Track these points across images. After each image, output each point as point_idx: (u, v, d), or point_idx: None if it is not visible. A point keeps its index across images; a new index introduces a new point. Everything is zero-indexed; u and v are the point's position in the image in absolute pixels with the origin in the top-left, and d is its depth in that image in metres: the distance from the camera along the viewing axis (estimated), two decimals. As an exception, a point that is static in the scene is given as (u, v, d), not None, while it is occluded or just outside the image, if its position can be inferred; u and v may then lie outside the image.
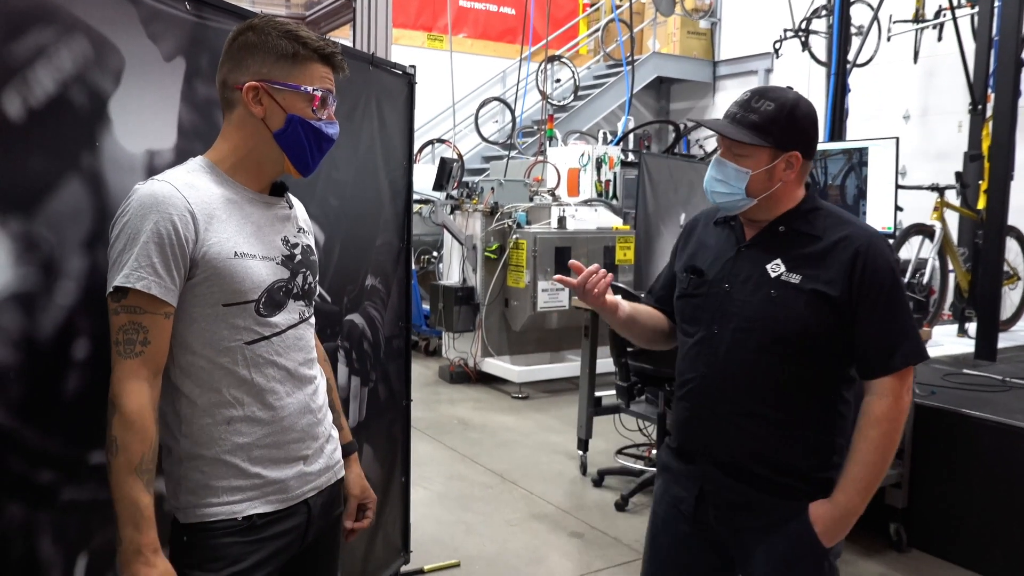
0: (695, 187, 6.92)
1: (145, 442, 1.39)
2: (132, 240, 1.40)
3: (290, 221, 1.64)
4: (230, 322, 1.49)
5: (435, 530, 3.81)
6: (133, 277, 1.39)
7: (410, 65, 3.01)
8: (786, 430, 1.76)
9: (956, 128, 8.53)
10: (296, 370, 1.59)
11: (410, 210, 3.11)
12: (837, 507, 1.73)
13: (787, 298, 1.73)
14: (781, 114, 1.74)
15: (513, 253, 6.47)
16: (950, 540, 3.56)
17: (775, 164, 1.75)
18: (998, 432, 3.41)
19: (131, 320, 1.40)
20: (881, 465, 1.72)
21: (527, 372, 6.45)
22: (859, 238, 1.74)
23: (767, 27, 9.93)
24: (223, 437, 1.50)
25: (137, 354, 1.40)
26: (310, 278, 1.64)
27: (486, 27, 11.54)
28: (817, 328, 1.72)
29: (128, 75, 1.71)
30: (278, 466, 1.56)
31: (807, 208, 1.81)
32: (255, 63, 1.50)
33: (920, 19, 7.65)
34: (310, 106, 1.54)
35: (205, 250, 1.45)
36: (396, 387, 3.11)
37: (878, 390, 1.72)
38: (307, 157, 1.57)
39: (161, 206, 1.41)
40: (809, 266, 1.74)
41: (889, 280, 1.72)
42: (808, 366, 1.74)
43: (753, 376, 1.77)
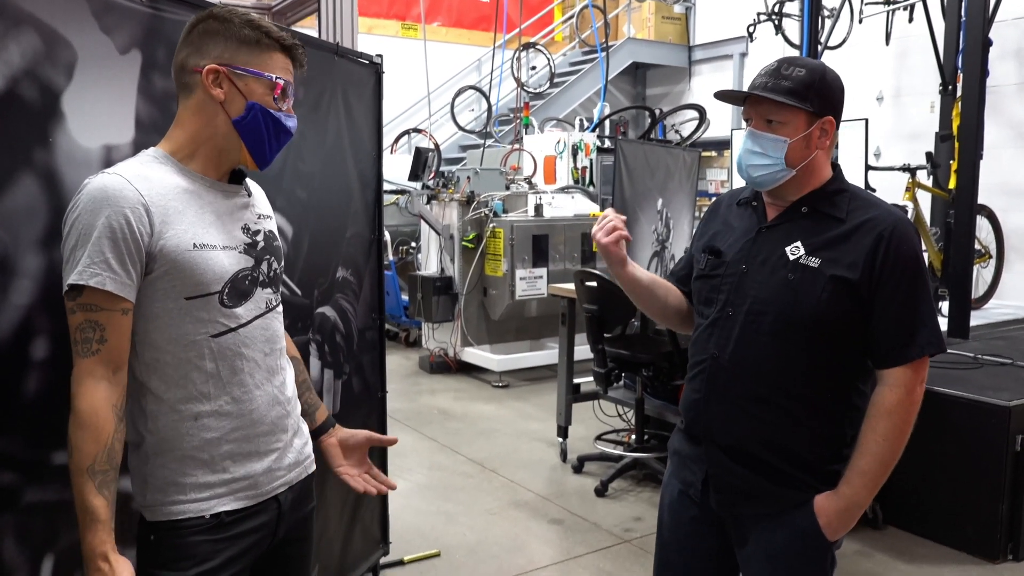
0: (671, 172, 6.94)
1: (98, 442, 1.37)
2: (84, 236, 1.37)
3: (250, 209, 1.61)
4: (194, 315, 1.46)
5: (415, 520, 3.81)
6: (87, 274, 1.36)
7: (377, 54, 2.98)
8: (795, 418, 1.71)
9: (929, 108, 8.57)
10: (264, 361, 1.57)
11: (380, 201, 3.09)
12: (842, 499, 1.68)
13: (804, 282, 1.68)
14: (814, 77, 1.69)
15: (490, 242, 6.46)
16: (925, 516, 3.61)
17: (811, 131, 1.70)
18: (970, 409, 3.45)
19: (87, 318, 1.38)
20: (889, 458, 1.66)
21: (507, 361, 6.45)
22: (884, 221, 1.68)
23: (741, 11, 9.94)
24: (191, 433, 1.48)
25: (94, 352, 1.38)
26: (275, 264, 1.61)
27: (460, 15, 11.47)
28: (834, 314, 1.66)
29: (81, 69, 1.68)
30: (248, 461, 1.54)
31: (833, 189, 1.76)
32: (216, 47, 1.48)
33: (891, 1, 7.68)
34: (271, 94, 1.51)
35: (162, 243, 1.42)
36: (371, 379, 3.09)
37: (890, 380, 1.66)
38: (265, 148, 1.54)
39: (112, 200, 1.38)
40: (830, 249, 1.68)
41: (912, 267, 1.67)
42: (822, 353, 1.69)
43: (764, 360, 1.72)
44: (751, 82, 1.76)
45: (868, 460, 1.66)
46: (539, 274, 6.49)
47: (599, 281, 4.13)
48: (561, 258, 6.65)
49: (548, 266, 6.55)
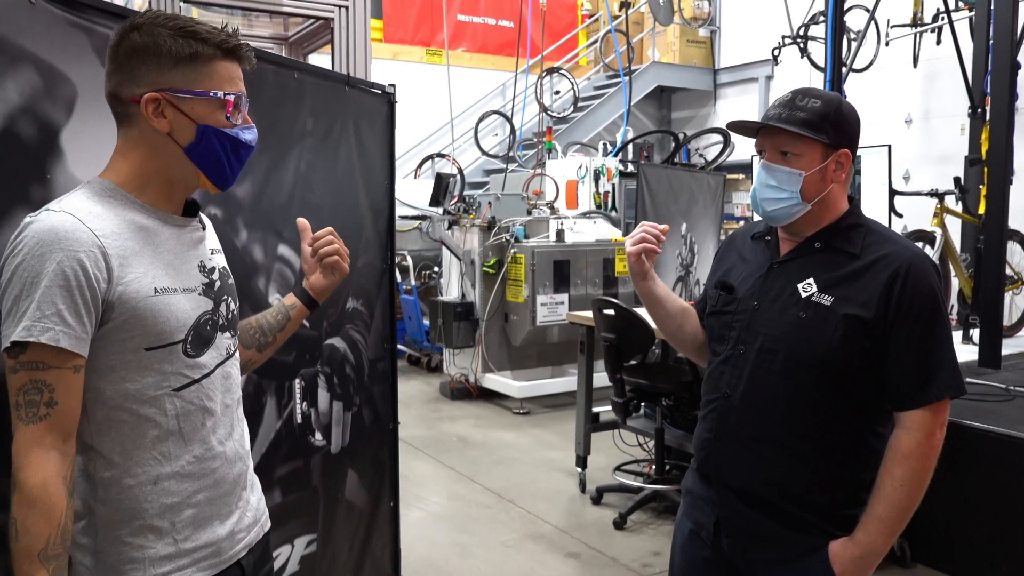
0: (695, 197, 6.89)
1: (51, 522, 1.19)
2: (31, 284, 1.20)
3: (204, 244, 1.46)
4: (154, 368, 1.31)
5: (429, 553, 3.75)
6: (37, 329, 1.19)
7: (390, 84, 2.98)
8: (807, 461, 1.66)
9: (959, 131, 8.44)
10: (225, 413, 1.44)
11: (393, 230, 3.07)
12: (858, 547, 1.61)
13: (817, 320, 1.63)
14: (830, 109, 1.66)
15: (511, 267, 6.43)
16: (954, 555, 3.48)
17: (827, 164, 1.67)
18: (1002, 444, 3.33)
19: (32, 379, 1.20)
20: (907, 504, 1.59)
21: (528, 387, 6.39)
22: (900, 258, 1.62)
23: (766, 34, 9.89)
24: (149, 499, 1.32)
25: (41, 418, 1.20)
26: (232, 305, 1.48)
27: (485, 41, 11.54)
28: (847, 354, 1.61)
29: (81, 105, 1.67)
30: (210, 525, 1.40)
31: (848, 224, 1.71)
32: (150, 71, 1.30)
33: (918, 23, 7.59)
34: (223, 112, 1.35)
35: (121, 290, 1.26)
36: (382, 410, 3.06)
37: (908, 423, 1.60)
38: (225, 170, 1.38)
39: (64, 242, 1.21)
40: (843, 287, 1.63)
41: (929, 306, 1.60)
42: (836, 394, 1.64)
43: (775, 400, 1.67)
44: (765, 113, 1.73)
45: (885, 506, 1.59)
46: (560, 300, 6.44)
47: (617, 309, 4.08)
48: (583, 283, 6.60)
49: (570, 292, 6.51)
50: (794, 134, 1.65)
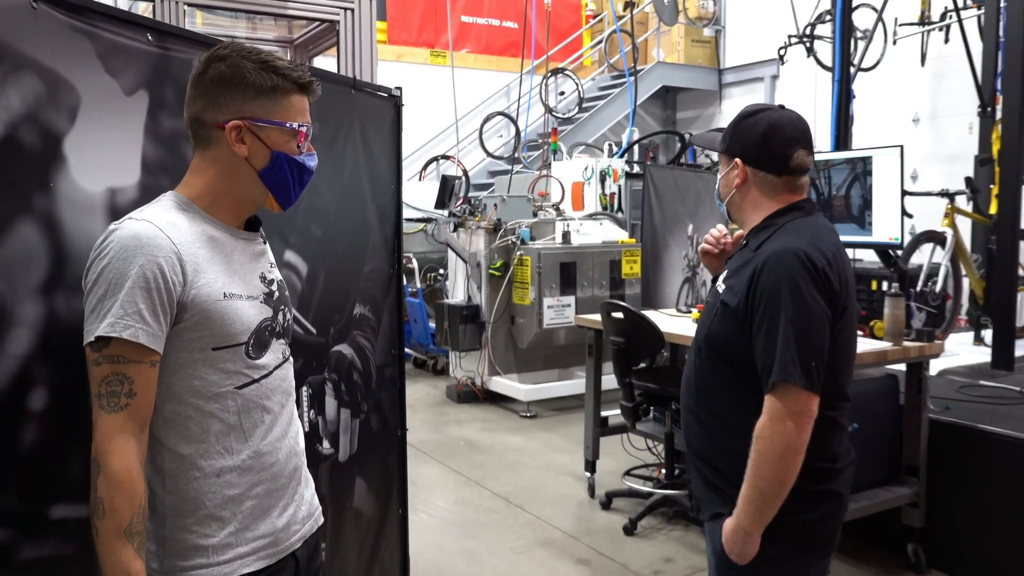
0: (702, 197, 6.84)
1: (134, 502, 1.31)
2: (115, 285, 1.32)
3: (265, 257, 1.60)
4: (219, 366, 1.42)
5: (437, 559, 3.71)
6: (120, 326, 1.31)
7: (396, 87, 2.94)
8: (711, 432, 1.83)
9: (967, 130, 8.40)
10: (282, 412, 1.55)
11: (400, 235, 3.03)
12: (732, 520, 1.73)
13: (711, 306, 1.87)
14: (733, 121, 1.88)
15: (518, 270, 6.40)
16: (970, 560, 3.43)
17: (728, 170, 1.88)
18: (1018, 448, 3.29)
19: (114, 371, 1.32)
20: (758, 484, 1.68)
21: (535, 390, 6.36)
22: (767, 252, 1.74)
23: (772, 34, 9.84)
24: (213, 491, 1.42)
25: (122, 407, 1.32)
26: (288, 315, 1.59)
27: (489, 42, 11.51)
28: (720, 336, 1.80)
29: (85, 112, 1.64)
30: (268, 517, 1.49)
31: (764, 225, 1.85)
32: (234, 100, 1.44)
33: (926, 21, 7.54)
34: (295, 141, 1.49)
35: (195, 293, 1.38)
36: (390, 417, 3.02)
37: (764, 407, 1.70)
38: (290, 192, 1.54)
39: (146, 248, 1.34)
40: (733, 278, 1.81)
41: (776, 296, 1.69)
42: (728, 373, 1.79)
43: (691, 375, 1.89)
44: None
45: (745, 485, 1.71)
46: (567, 302, 6.40)
47: (626, 313, 4.04)
48: (589, 286, 6.56)
49: (576, 294, 6.47)
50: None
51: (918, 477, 3.51)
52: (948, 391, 3.97)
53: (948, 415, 3.56)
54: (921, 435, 3.51)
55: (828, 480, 1.77)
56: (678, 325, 4.14)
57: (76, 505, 1.63)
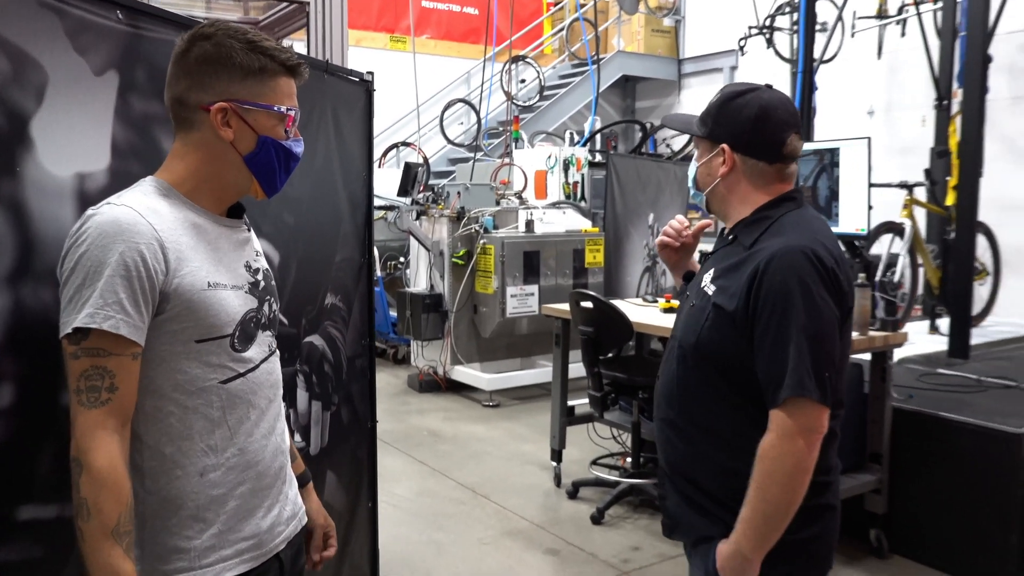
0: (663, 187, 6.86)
1: (121, 501, 1.25)
2: (93, 274, 1.25)
3: (250, 245, 1.53)
4: (203, 360, 1.36)
5: (405, 551, 3.68)
6: (99, 316, 1.24)
7: (368, 72, 2.88)
8: (699, 448, 1.66)
9: (920, 123, 8.57)
10: (269, 408, 1.49)
11: (371, 223, 2.97)
12: (729, 546, 1.58)
13: (698, 309, 1.68)
14: (714, 102, 1.70)
15: (481, 259, 6.35)
16: (931, 545, 3.51)
17: (711, 157, 1.71)
18: (978, 436, 3.36)
19: (94, 364, 1.25)
20: (763, 508, 1.52)
21: (497, 379, 6.33)
22: (769, 251, 1.57)
23: (731, 25, 9.91)
24: (196, 490, 1.36)
25: (103, 402, 1.25)
26: (274, 305, 1.53)
27: (449, 28, 11.39)
28: (714, 344, 1.61)
29: (52, 92, 1.56)
30: (252, 517, 1.43)
31: (756, 217, 1.68)
32: (220, 81, 1.37)
33: (883, 15, 7.65)
34: (282, 126, 1.44)
35: (177, 282, 1.31)
36: (360, 409, 2.97)
37: (769, 423, 1.54)
38: (276, 179, 1.47)
39: (126, 234, 1.27)
40: (725, 278, 1.64)
41: (783, 300, 1.53)
42: (719, 384, 1.62)
43: (671, 386, 1.72)
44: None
45: (747, 508, 1.55)
46: (530, 291, 6.38)
47: (595, 302, 4.03)
48: (553, 274, 6.54)
49: (539, 283, 6.45)
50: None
51: (881, 464, 3.57)
52: (908, 380, 4.04)
53: (911, 403, 3.62)
54: (885, 423, 3.57)
55: (824, 493, 1.63)
56: (645, 315, 4.14)
57: (46, 506, 1.56)
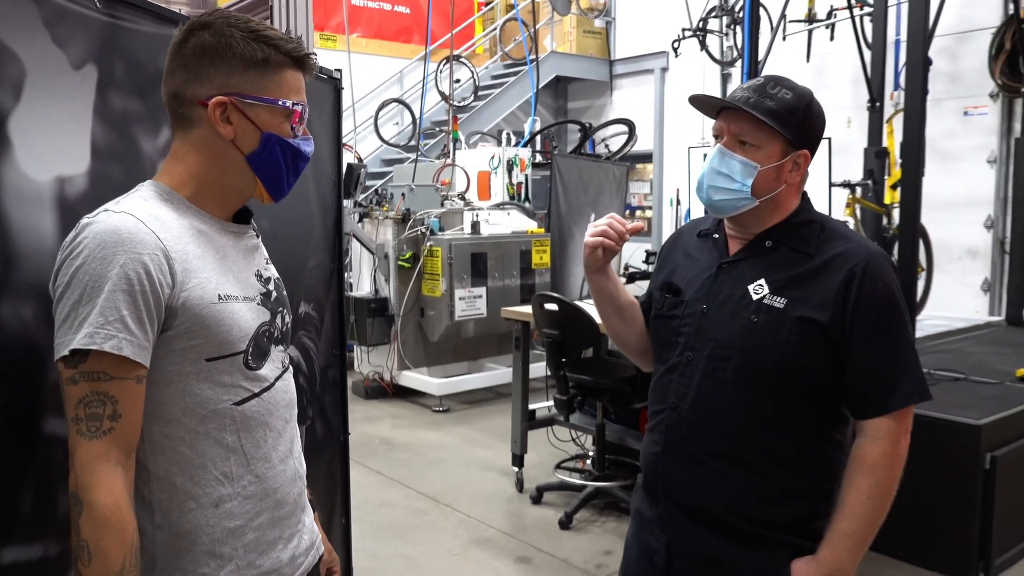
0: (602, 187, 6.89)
1: (126, 542, 1.13)
2: (93, 289, 1.13)
3: (259, 252, 1.41)
4: (215, 380, 1.24)
5: (374, 566, 3.55)
6: (100, 336, 1.11)
7: (335, 69, 2.75)
8: (763, 476, 1.55)
9: (845, 124, 8.84)
10: (286, 430, 1.37)
11: (340, 227, 2.85)
12: (823, 565, 1.51)
13: (769, 325, 1.52)
14: (801, 104, 1.54)
15: (428, 261, 6.23)
16: (896, 537, 3.56)
17: (784, 161, 1.55)
18: (940, 428, 3.45)
19: (94, 390, 1.13)
20: (874, 518, 1.50)
21: (447, 384, 6.23)
22: (856, 255, 1.52)
23: (661, 26, 10.03)
24: (211, 523, 1.24)
25: (105, 432, 1.13)
26: (287, 317, 1.41)
27: (380, 27, 11.18)
28: (803, 360, 1.51)
29: (31, 87, 1.41)
30: (273, 550, 1.32)
31: (800, 221, 1.60)
32: (219, 73, 1.26)
33: (813, 19, 7.86)
34: (288, 122, 1.32)
35: (185, 296, 1.19)
36: (333, 421, 2.84)
37: (872, 432, 1.50)
38: (283, 181, 1.35)
39: (128, 244, 1.15)
40: (796, 288, 1.53)
41: (889, 306, 1.51)
42: (792, 403, 1.53)
43: (728, 411, 1.55)
44: (732, 94, 1.60)
45: (851, 521, 1.49)
46: (478, 293, 6.30)
47: (560, 304, 3.98)
48: (501, 276, 6.48)
49: (487, 285, 6.37)
50: (757, 123, 1.53)
51: (845, 459, 3.63)
52: (863, 375, 4.13)
53: (873, 399, 3.69)
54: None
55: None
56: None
57: (30, 546, 1.41)
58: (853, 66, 7.97)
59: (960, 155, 7.59)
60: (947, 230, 7.40)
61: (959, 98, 7.59)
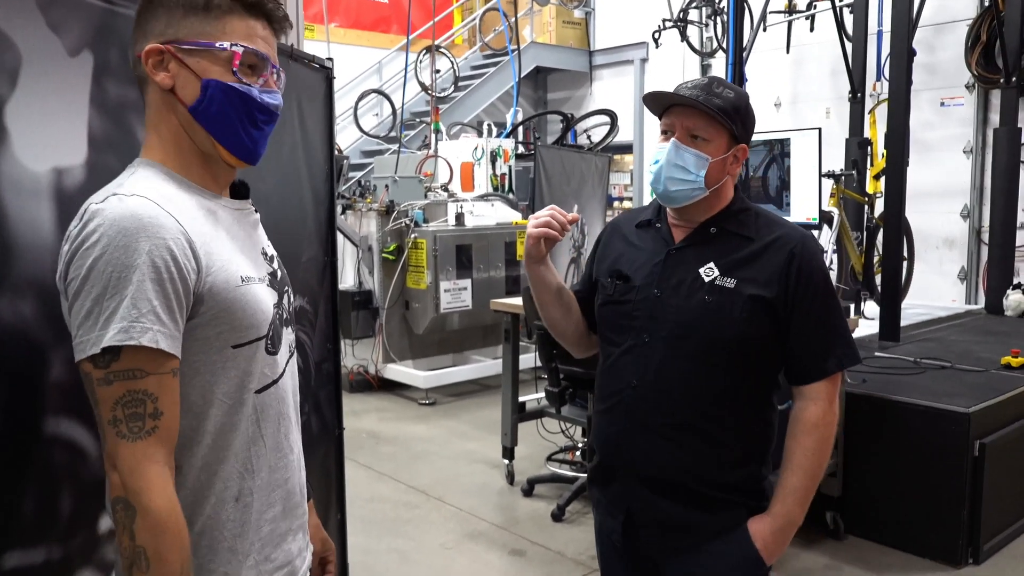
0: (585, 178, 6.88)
1: (184, 547, 1.08)
2: (119, 279, 1.05)
3: (260, 229, 1.35)
4: (241, 368, 1.18)
5: (366, 562, 3.52)
6: (137, 330, 1.05)
7: (327, 58, 2.70)
8: (720, 443, 1.68)
9: (824, 114, 8.89)
10: (294, 416, 1.33)
11: (333, 220, 2.80)
12: (777, 519, 1.65)
13: (723, 303, 1.65)
14: (741, 103, 1.69)
15: (412, 253, 6.19)
16: (886, 525, 3.61)
17: (728, 155, 1.69)
18: (929, 416, 3.48)
19: (131, 389, 1.06)
20: (818, 472, 1.66)
21: (433, 376, 6.19)
22: (792, 239, 1.68)
23: (640, 17, 10.02)
24: (231, 518, 1.19)
25: (149, 432, 1.07)
26: (292, 297, 1.36)
27: (358, 16, 11.07)
28: (754, 333, 1.65)
29: (26, 75, 1.36)
30: (284, 542, 1.28)
31: (737, 209, 1.75)
32: (159, 22, 1.17)
33: (793, 10, 7.89)
34: (229, 67, 1.18)
35: (211, 281, 1.13)
36: (328, 416, 2.80)
37: (812, 395, 1.66)
38: (240, 134, 1.21)
39: (150, 229, 1.07)
40: (743, 269, 1.67)
41: (823, 282, 1.69)
42: (743, 374, 1.68)
43: (688, 386, 1.67)
44: (676, 91, 1.70)
45: (800, 476, 1.64)
46: (463, 285, 6.27)
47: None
48: (486, 268, 6.45)
49: (473, 276, 6.34)
50: (708, 118, 1.65)
51: (836, 448, 3.65)
52: (851, 364, 4.15)
53: (863, 388, 3.72)
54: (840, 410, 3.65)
55: None
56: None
57: (33, 549, 1.37)
58: (832, 57, 8.03)
59: (937, 145, 7.67)
60: (925, 220, 7.47)
61: (936, 89, 7.66)
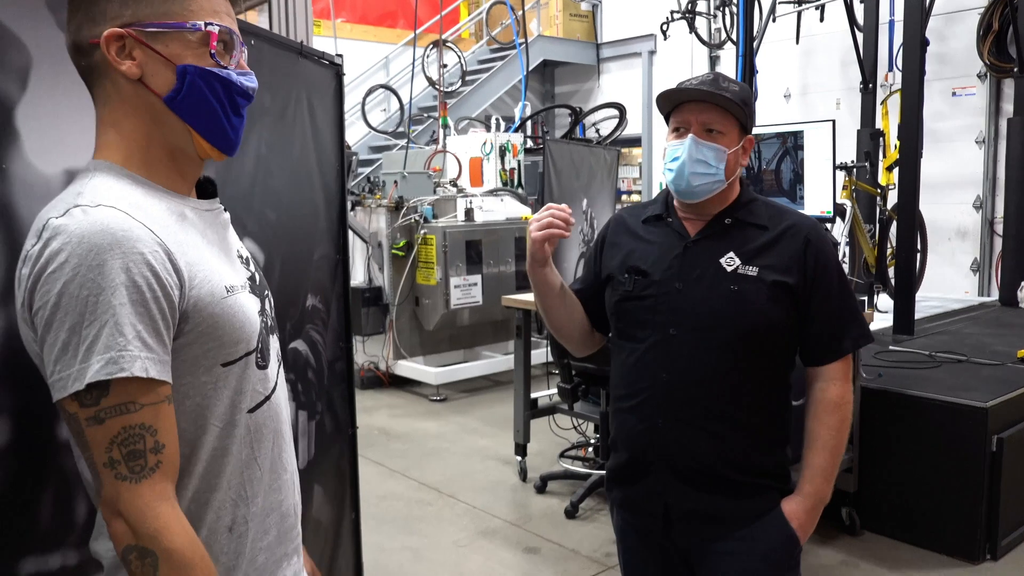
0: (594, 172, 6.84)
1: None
2: (95, 304, 0.93)
3: (231, 230, 1.22)
4: (232, 386, 1.08)
5: (380, 559, 3.51)
6: (125, 360, 0.94)
7: (337, 54, 2.68)
8: (752, 429, 1.71)
9: (835, 105, 8.83)
10: (287, 433, 1.23)
11: (345, 217, 2.78)
12: (809, 498, 1.70)
13: (748, 292, 1.67)
14: (746, 96, 1.73)
15: (422, 249, 6.17)
16: (903, 521, 3.58)
17: (739, 146, 1.74)
18: (947, 411, 3.44)
19: (127, 425, 0.96)
20: (841, 449, 1.72)
21: (444, 373, 6.18)
22: (805, 226, 1.74)
23: (648, 9, 9.97)
24: (225, 550, 1.10)
25: (153, 469, 0.97)
26: (271, 301, 1.24)
27: (364, 11, 11.05)
28: (780, 319, 1.68)
29: (37, 76, 1.34)
30: (280, 568, 1.20)
31: (747, 199, 1.78)
32: (112, 3, 1.03)
33: (802, 0, 7.82)
34: (207, 49, 1.07)
35: (195, 295, 1.02)
36: (341, 415, 2.79)
37: (830, 375, 1.72)
38: (222, 125, 1.10)
39: (124, 244, 0.95)
40: (763, 257, 1.70)
41: (836, 265, 1.75)
42: (768, 360, 1.71)
43: (719, 375, 1.68)
44: (686, 88, 1.72)
45: (825, 455, 1.69)
46: (473, 281, 6.25)
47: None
48: (496, 263, 6.42)
49: (483, 272, 6.32)
50: (721, 111, 1.69)
51: (852, 443, 3.62)
52: (866, 358, 4.11)
53: (879, 382, 3.68)
54: (855, 403, 3.62)
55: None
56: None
57: (49, 556, 1.35)
58: (842, 47, 7.97)
59: (949, 136, 7.60)
60: (937, 211, 7.41)
61: (947, 79, 7.59)
